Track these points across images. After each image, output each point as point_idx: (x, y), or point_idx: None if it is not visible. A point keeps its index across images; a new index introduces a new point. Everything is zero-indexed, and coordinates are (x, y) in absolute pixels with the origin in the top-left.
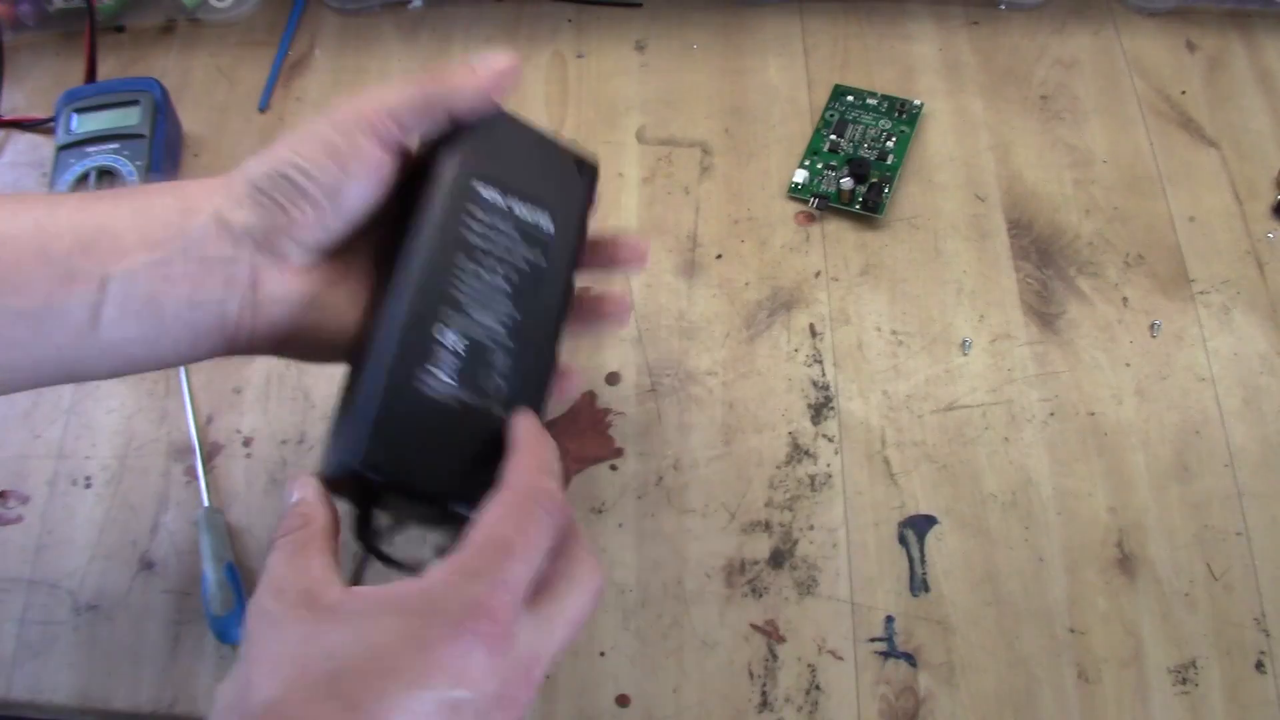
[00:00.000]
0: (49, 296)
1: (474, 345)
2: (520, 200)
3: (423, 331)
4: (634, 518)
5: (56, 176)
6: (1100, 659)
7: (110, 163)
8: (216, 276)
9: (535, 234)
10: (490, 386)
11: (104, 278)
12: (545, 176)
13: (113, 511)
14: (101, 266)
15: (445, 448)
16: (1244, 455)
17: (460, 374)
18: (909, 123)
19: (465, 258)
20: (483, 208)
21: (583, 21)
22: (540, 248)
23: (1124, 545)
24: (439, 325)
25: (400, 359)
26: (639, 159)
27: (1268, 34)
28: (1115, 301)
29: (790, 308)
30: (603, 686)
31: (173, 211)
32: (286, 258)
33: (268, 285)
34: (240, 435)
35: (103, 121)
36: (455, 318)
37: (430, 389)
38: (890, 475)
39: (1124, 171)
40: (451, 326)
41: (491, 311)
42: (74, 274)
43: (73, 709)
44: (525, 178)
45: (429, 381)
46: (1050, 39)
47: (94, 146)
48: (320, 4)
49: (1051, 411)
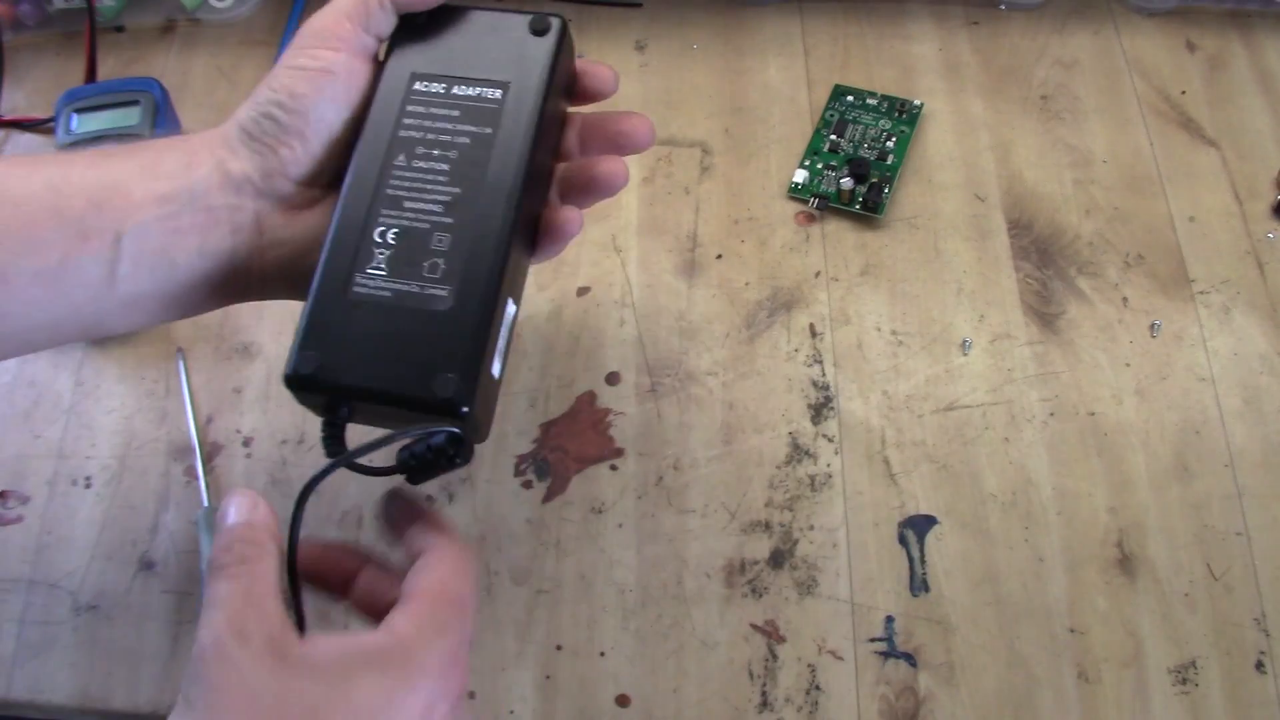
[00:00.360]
0: (65, 255)
1: (403, 231)
2: (465, 83)
3: (356, 233)
4: (634, 518)
5: None
6: (1100, 659)
7: None
8: (223, 225)
9: (480, 107)
10: (426, 267)
11: (117, 234)
12: (497, 51)
13: (113, 511)
14: (114, 223)
15: (384, 341)
16: (1244, 455)
17: (390, 263)
18: (909, 123)
19: (403, 155)
20: (422, 100)
21: (583, 21)
22: (488, 118)
23: (1124, 545)
24: (372, 223)
25: (332, 263)
26: (639, 159)
27: (1268, 34)
28: (1115, 301)
29: (790, 308)
30: (603, 686)
31: (178, 164)
32: (287, 198)
33: (271, 227)
34: (240, 435)
35: (103, 121)
36: (389, 214)
37: (363, 285)
38: (890, 475)
39: (1124, 171)
40: (378, 221)
41: (425, 197)
42: (88, 232)
43: (72, 709)
44: (470, 59)
45: (361, 279)
46: (1050, 39)
47: (94, 146)
48: (320, 4)
49: (1051, 411)
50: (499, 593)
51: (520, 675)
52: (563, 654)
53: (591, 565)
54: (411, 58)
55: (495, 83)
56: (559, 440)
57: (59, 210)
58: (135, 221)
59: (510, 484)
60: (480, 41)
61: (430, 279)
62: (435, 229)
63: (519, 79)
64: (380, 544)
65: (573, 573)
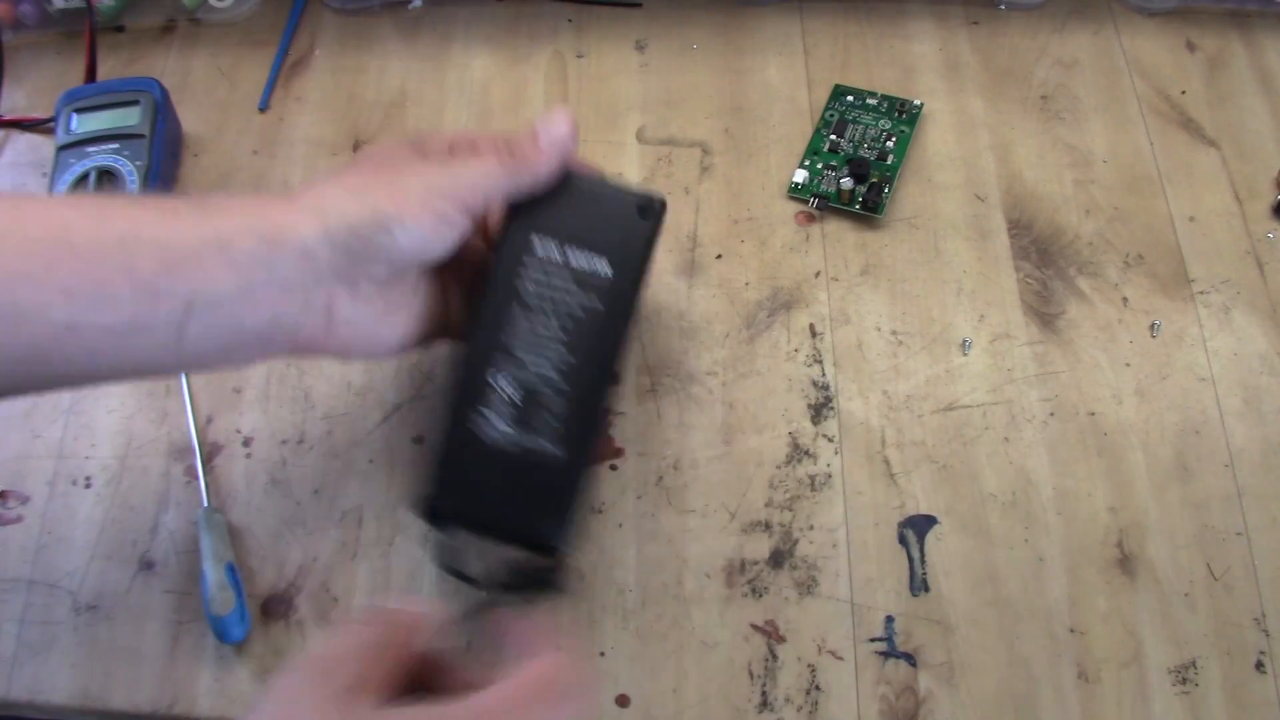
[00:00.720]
0: (135, 314)
1: (524, 387)
2: (578, 248)
3: (480, 382)
4: (634, 518)
5: (56, 176)
6: (1100, 659)
7: (110, 163)
8: (296, 300)
9: (592, 280)
10: (542, 424)
11: (190, 300)
12: (605, 222)
13: (113, 511)
14: (187, 288)
15: (502, 485)
16: (1244, 455)
17: (514, 419)
18: (909, 123)
19: (520, 309)
20: (539, 261)
21: (583, 21)
22: (598, 292)
23: (1124, 545)
24: (491, 371)
25: (459, 409)
26: (639, 159)
27: (1268, 34)
28: (1115, 301)
29: (790, 308)
30: (603, 686)
31: (257, 239)
32: (361, 288)
33: (341, 309)
34: (240, 435)
35: (103, 121)
36: (506, 364)
37: (485, 433)
38: (890, 475)
39: (1124, 171)
40: (503, 372)
41: (546, 358)
42: (159, 294)
43: (73, 709)
44: (584, 227)
45: (485, 426)
46: (1050, 39)
47: (94, 146)
48: (320, 4)
49: (1051, 411)
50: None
51: None
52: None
53: (591, 565)
54: (533, 216)
55: (607, 257)
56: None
57: (131, 269)
58: (210, 290)
59: None
60: (593, 212)
61: (544, 433)
62: (554, 391)
63: (625, 257)
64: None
65: (572, 573)
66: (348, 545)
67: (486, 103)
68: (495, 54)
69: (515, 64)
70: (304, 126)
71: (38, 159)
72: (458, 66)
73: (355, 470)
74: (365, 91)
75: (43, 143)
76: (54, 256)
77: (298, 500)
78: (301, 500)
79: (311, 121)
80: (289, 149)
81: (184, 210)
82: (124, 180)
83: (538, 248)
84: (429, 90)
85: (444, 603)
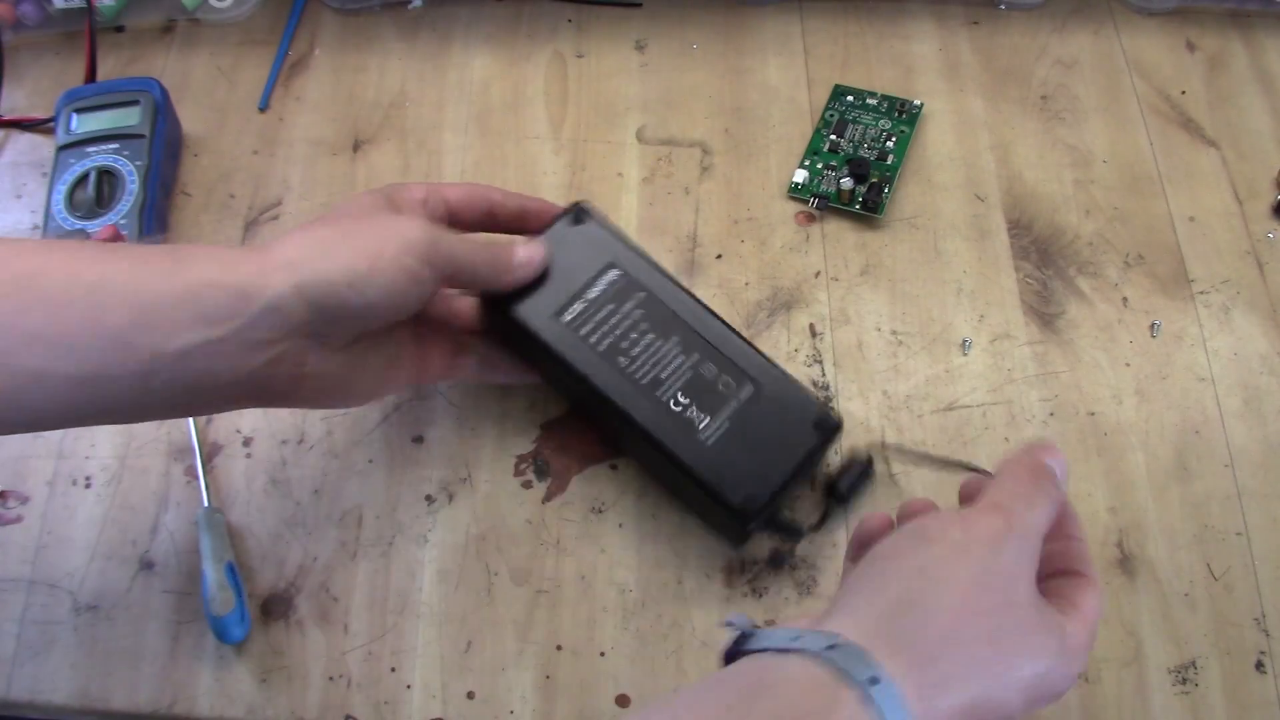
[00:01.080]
0: (102, 365)
1: (687, 388)
2: (594, 288)
3: (668, 417)
4: (634, 518)
5: (56, 176)
6: (1100, 659)
7: (110, 163)
8: (264, 354)
9: (624, 289)
10: (721, 386)
11: (157, 352)
12: (579, 248)
13: (113, 511)
14: (155, 342)
15: (759, 446)
16: (1244, 455)
17: (703, 408)
18: (909, 123)
19: (619, 358)
20: (580, 322)
21: (583, 21)
22: (639, 290)
23: (1124, 545)
24: (664, 404)
25: (682, 448)
26: (639, 159)
27: (1268, 34)
28: (1115, 301)
29: (790, 308)
30: (602, 686)
31: (227, 293)
32: (331, 342)
33: (310, 363)
34: (240, 435)
35: (103, 121)
36: (664, 391)
37: (708, 435)
38: (890, 475)
39: (1124, 171)
40: (668, 396)
41: (665, 360)
42: (128, 346)
43: (73, 709)
44: (572, 270)
45: (704, 432)
46: (1050, 39)
47: (94, 146)
48: (320, 4)
49: (1051, 411)
50: (499, 593)
51: (520, 675)
52: (563, 654)
53: (591, 565)
54: (541, 305)
55: (608, 266)
56: (559, 440)
57: (99, 321)
58: (177, 344)
59: (510, 484)
60: (566, 254)
61: (729, 389)
62: (697, 367)
63: (614, 252)
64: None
65: (573, 573)
66: (347, 545)
67: (486, 103)
68: (495, 54)
69: (515, 64)
70: (304, 126)
71: (38, 159)
72: (458, 66)
73: (355, 470)
74: (365, 91)
75: (43, 142)
76: (24, 302)
77: (298, 500)
78: (301, 500)
79: (311, 121)
80: (289, 149)
81: (155, 259)
82: (124, 180)
83: (567, 318)
84: (429, 90)
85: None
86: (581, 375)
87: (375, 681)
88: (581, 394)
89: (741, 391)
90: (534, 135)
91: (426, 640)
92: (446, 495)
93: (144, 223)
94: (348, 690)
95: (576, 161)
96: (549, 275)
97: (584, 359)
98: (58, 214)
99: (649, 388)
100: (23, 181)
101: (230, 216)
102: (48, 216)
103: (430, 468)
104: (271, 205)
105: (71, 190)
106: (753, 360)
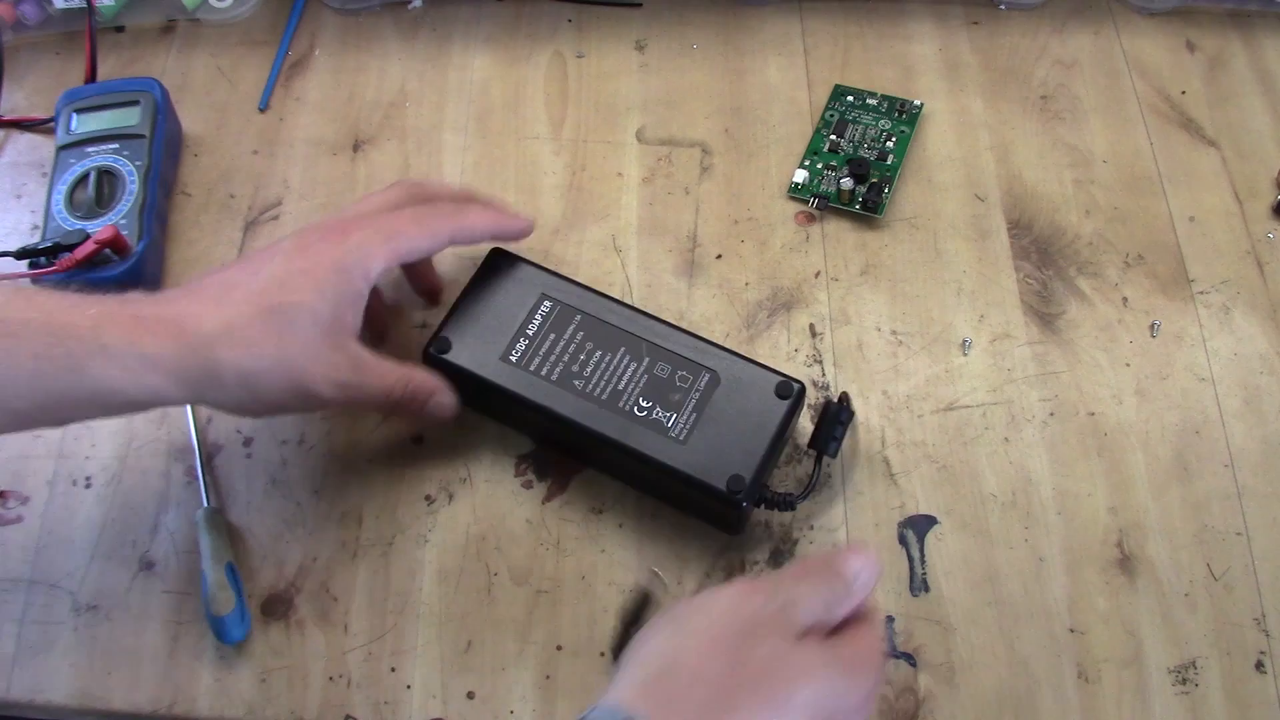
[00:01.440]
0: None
1: (648, 390)
2: (530, 323)
3: (631, 426)
4: (634, 518)
5: (56, 176)
6: (1100, 659)
7: (110, 163)
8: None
9: (565, 316)
10: (678, 380)
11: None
12: (518, 294)
13: (113, 511)
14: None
15: (732, 427)
16: (1244, 455)
17: (665, 408)
18: (909, 123)
19: (575, 382)
20: (523, 361)
21: (583, 21)
22: (574, 312)
23: (1124, 545)
24: (629, 413)
25: (653, 448)
26: (639, 159)
27: (1268, 34)
28: (1115, 301)
29: (790, 308)
30: (602, 687)
31: (129, 400)
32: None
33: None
34: (240, 435)
35: (103, 121)
36: (619, 400)
37: (677, 431)
38: (890, 475)
39: (1124, 171)
40: (634, 403)
41: (617, 372)
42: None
43: (72, 709)
44: (511, 310)
45: (673, 429)
46: (1050, 39)
47: (94, 146)
48: (320, 4)
49: (1051, 411)
50: (499, 593)
51: (520, 675)
52: (563, 654)
53: (591, 565)
54: (486, 351)
55: (540, 299)
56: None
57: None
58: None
59: (510, 484)
60: (496, 297)
61: (687, 383)
62: (651, 370)
63: (543, 283)
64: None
65: (573, 573)
66: (347, 545)
67: (486, 102)
68: (495, 54)
69: (515, 64)
70: (304, 126)
71: (38, 159)
72: (458, 66)
73: (355, 470)
74: (365, 91)
75: (42, 143)
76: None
77: (298, 500)
78: (301, 500)
79: (311, 121)
80: (289, 149)
81: (58, 355)
82: (124, 180)
83: (513, 356)
84: (429, 90)
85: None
86: (542, 407)
87: (375, 681)
88: (546, 426)
89: (699, 381)
90: (534, 135)
91: (426, 640)
92: (446, 495)
93: (144, 222)
94: (348, 690)
95: (576, 161)
96: (485, 322)
97: (540, 392)
98: (58, 214)
99: (610, 401)
100: (22, 182)
101: (230, 216)
102: (48, 217)
103: (430, 468)
104: (271, 205)
105: (71, 190)
106: (702, 349)
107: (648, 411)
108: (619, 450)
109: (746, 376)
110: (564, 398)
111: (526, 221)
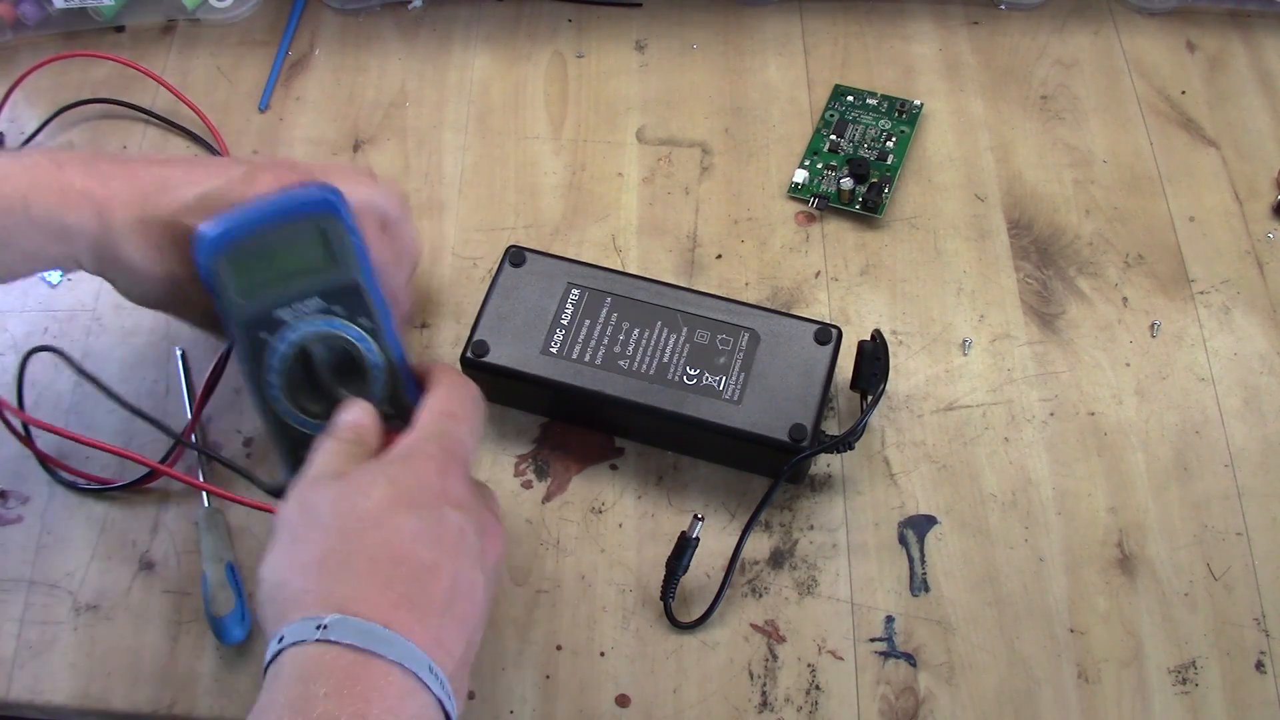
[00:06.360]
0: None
1: (693, 357)
2: (563, 313)
3: (689, 391)
4: (634, 518)
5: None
6: (1100, 659)
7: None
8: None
9: (595, 301)
10: (720, 343)
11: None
12: (545, 287)
13: (113, 512)
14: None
15: (786, 381)
16: (1244, 455)
17: (716, 371)
18: (909, 123)
19: (621, 363)
20: (565, 351)
21: (583, 21)
22: (604, 296)
23: (1124, 545)
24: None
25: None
26: (639, 159)
27: (1268, 34)
28: (1115, 301)
29: (790, 308)
30: (603, 686)
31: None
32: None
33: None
34: (240, 435)
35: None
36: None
37: (730, 392)
38: (890, 475)
39: (1124, 171)
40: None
41: (660, 349)
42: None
43: (72, 709)
44: (541, 304)
45: (729, 393)
46: (1050, 39)
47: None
48: (320, 4)
49: (1051, 411)
50: (499, 593)
51: (520, 675)
52: (563, 654)
53: (591, 565)
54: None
55: (568, 288)
56: (559, 440)
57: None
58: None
59: (510, 484)
60: (524, 294)
61: (729, 345)
62: (691, 339)
63: (568, 272)
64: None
65: (573, 573)
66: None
67: (486, 102)
68: (495, 54)
69: (515, 64)
70: (304, 126)
71: None
72: (458, 66)
73: None
74: (365, 91)
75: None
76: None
77: None
78: None
79: (311, 121)
80: (289, 149)
81: (15, 170)
82: None
83: (550, 348)
84: (429, 90)
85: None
86: (594, 393)
87: None
88: (598, 410)
89: (740, 341)
90: (534, 135)
91: None
92: None
93: None
94: None
95: (576, 161)
96: (518, 319)
97: (589, 378)
98: None
99: (659, 375)
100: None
101: None
102: None
103: None
104: None
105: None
106: (735, 311)
107: (697, 379)
108: (678, 421)
109: (784, 330)
110: (613, 380)
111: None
